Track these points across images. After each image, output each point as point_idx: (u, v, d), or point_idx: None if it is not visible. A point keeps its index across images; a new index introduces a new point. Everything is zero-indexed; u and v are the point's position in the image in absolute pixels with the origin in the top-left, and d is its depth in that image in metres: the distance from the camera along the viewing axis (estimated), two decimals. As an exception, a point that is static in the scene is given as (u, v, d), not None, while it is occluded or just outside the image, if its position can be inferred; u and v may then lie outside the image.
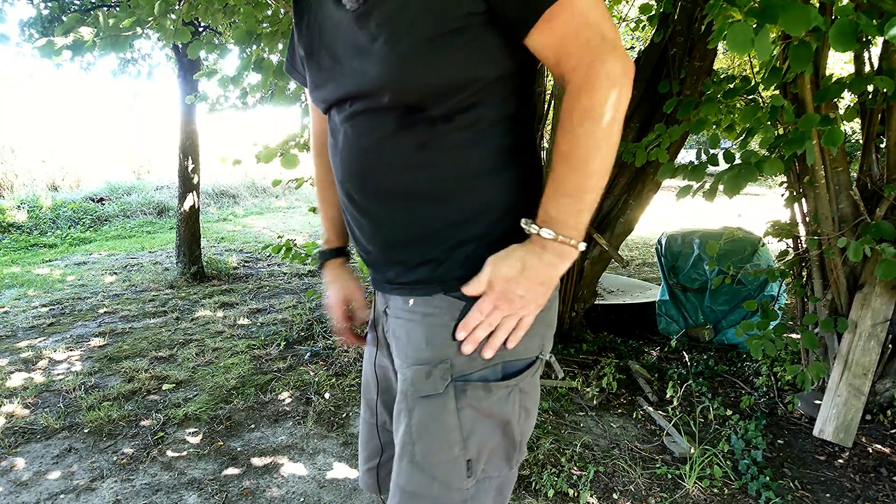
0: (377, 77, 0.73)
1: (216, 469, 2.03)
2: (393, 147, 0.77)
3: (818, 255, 2.22)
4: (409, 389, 0.80)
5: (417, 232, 0.80)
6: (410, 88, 0.72)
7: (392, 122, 0.75)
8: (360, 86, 0.76)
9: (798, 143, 1.66)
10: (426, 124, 0.74)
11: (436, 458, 0.79)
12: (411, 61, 0.71)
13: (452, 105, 0.74)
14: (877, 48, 2.06)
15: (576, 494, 1.84)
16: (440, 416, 0.78)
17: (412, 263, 0.82)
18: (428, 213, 0.79)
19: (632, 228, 3.06)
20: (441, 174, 0.77)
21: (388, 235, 0.83)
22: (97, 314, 3.99)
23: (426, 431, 0.79)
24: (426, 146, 0.75)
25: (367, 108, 0.77)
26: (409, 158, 0.76)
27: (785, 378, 2.50)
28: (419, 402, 0.79)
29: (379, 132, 0.77)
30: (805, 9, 1.18)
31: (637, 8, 3.32)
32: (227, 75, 2.65)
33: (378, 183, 0.80)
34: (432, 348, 0.80)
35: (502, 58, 0.74)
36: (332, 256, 1.08)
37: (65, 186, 10.43)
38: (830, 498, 1.84)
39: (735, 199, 1.90)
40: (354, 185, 0.83)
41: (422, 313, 0.81)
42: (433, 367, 0.79)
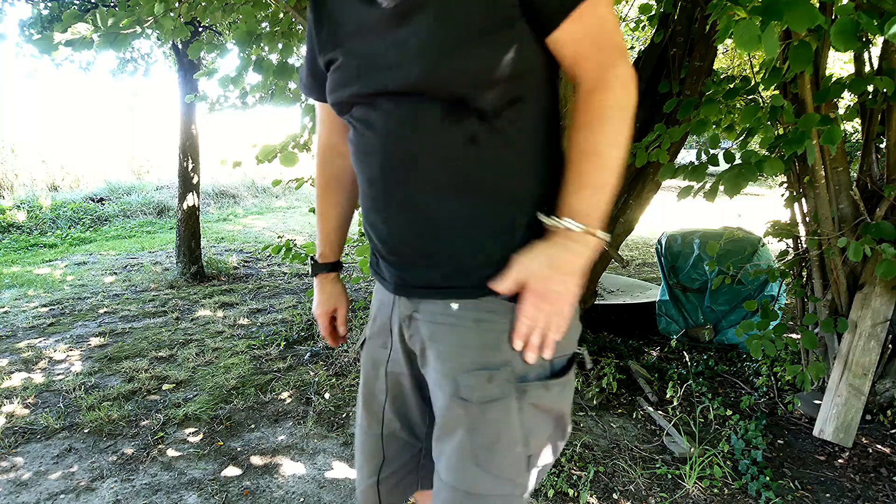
0: (424, 71, 0.72)
1: (216, 469, 2.03)
2: (442, 141, 0.76)
3: (818, 255, 2.22)
4: (471, 395, 0.80)
5: (466, 229, 0.79)
6: (460, 81, 0.72)
7: (440, 116, 0.75)
8: (404, 80, 0.75)
9: (798, 142, 1.66)
10: (475, 118, 0.75)
11: (501, 459, 0.81)
12: (461, 54, 0.71)
13: (499, 99, 0.75)
14: (877, 48, 2.06)
15: (576, 494, 1.84)
16: (505, 418, 0.80)
17: (458, 264, 0.81)
18: (477, 208, 0.78)
19: (632, 228, 3.06)
20: (490, 169, 0.77)
21: (432, 233, 0.81)
22: (97, 314, 3.99)
23: (492, 435, 0.80)
24: (475, 140, 0.76)
25: (412, 103, 0.76)
26: (459, 152, 0.76)
27: (785, 378, 2.50)
28: (484, 407, 0.80)
29: (427, 126, 0.76)
30: (809, 5, 1.18)
31: (637, 8, 3.32)
32: (227, 75, 2.65)
33: (425, 177, 0.78)
34: (492, 353, 0.80)
35: (539, 51, 0.76)
36: (327, 270, 1.11)
37: (65, 186, 10.43)
38: (830, 498, 1.84)
39: (735, 199, 1.91)
40: (395, 180, 0.81)
41: (472, 318, 0.81)
42: (495, 371, 0.80)
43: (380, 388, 0.98)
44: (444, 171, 0.77)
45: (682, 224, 3.98)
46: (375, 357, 0.99)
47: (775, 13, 1.20)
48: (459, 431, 0.82)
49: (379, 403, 0.99)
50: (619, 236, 3.04)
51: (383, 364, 0.97)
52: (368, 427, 1.01)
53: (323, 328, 1.14)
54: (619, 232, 3.01)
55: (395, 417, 0.98)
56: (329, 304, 1.12)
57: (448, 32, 0.72)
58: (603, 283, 3.99)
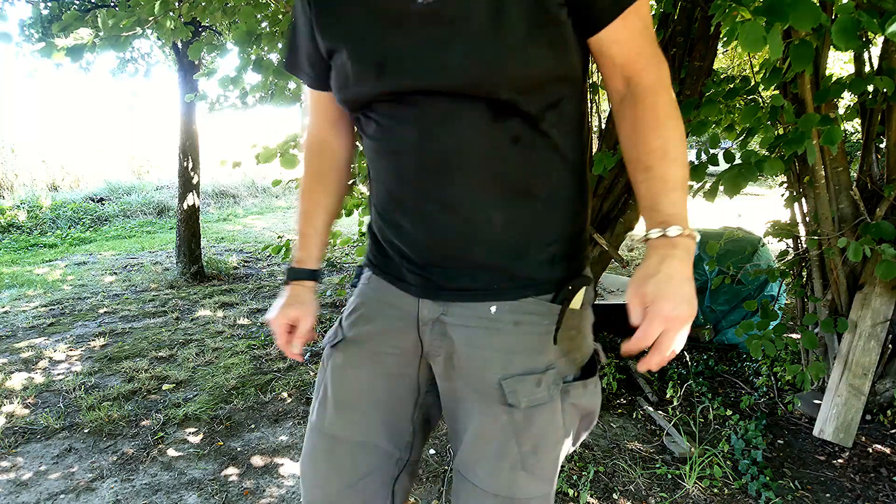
0: (474, 73, 0.71)
1: (216, 469, 2.03)
2: (486, 141, 0.74)
3: (818, 255, 2.22)
4: (520, 401, 0.78)
5: (507, 231, 0.78)
6: (509, 84, 0.71)
7: (485, 116, 0.73)
8: (449, 80, 0.72)
9: (798, 142, 1.66)
10: (518, 119, 0.74)
11: (545, 461, 0.81)
12: (512, 57, 0.70)
13: (543, 101, 0.74)
14: (877, 48, 2.06)
15: (576, 494, 1.84)
16: (551, 420, 0.80)
17: (498, 266, 0.79)
18: (520, 210, 0.78)
19: (632, 228, 3.05)
20: (533, 171, 0.77)
21: (472, 235, 0.79)
22: (97, 314, 3.99)
23: (539, 438, 0.80)
24: (518, 141, 0.75)
25: (454, 101, 0.73)
26: (503, 153, 0.75)
27: (785, 378, 2.50)
28: (532, 411, 0.79)
29: (471, 126, 0.74)
30: (812, 5, 1.18)
31: (637, 8, 3.32)
32: (227, 75, 2.65)
33: (468, 178, 0.76)
34: (537, 356, 0.80)
35: (580, 53, 0.76)
36: (305, 278, 0.97)
37: (65, 186, 10.43)
38: (830, 498, 1.84)
39: (735, 199, 1.91)
40: (434, 181, 0.77)
41: (512, 321, 0.80)
42: (541, 374, 0.79)
43: (368, 392, 0.91)
44: (487, 171, 0.76)
45: (682, 224, 3.97)
46: (368, 358, 0.91)
47: (779, 13, 1.20)
48: (504, 437, 0.80)
49: (363, 409, 0.90)
50: (619, 236, 3.03)
51: (389, 366, 0.90)
52: (343, 434, 0.90)
53: (279, 336, 0.96)
54: (619, 232, 3.01)
55: (381, 426, 0.91)
56: (290, 314, 0.95)
57: (498, 34, 0.69)
58: (603, 283, 3.99)
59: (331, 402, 0.92)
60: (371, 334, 0.91)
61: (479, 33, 0.70)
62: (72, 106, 19.61)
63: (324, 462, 0.91)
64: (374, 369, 0.91)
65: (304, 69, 0.91)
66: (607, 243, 2.96)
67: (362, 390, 0.91)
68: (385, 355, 0.90)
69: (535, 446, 0.80)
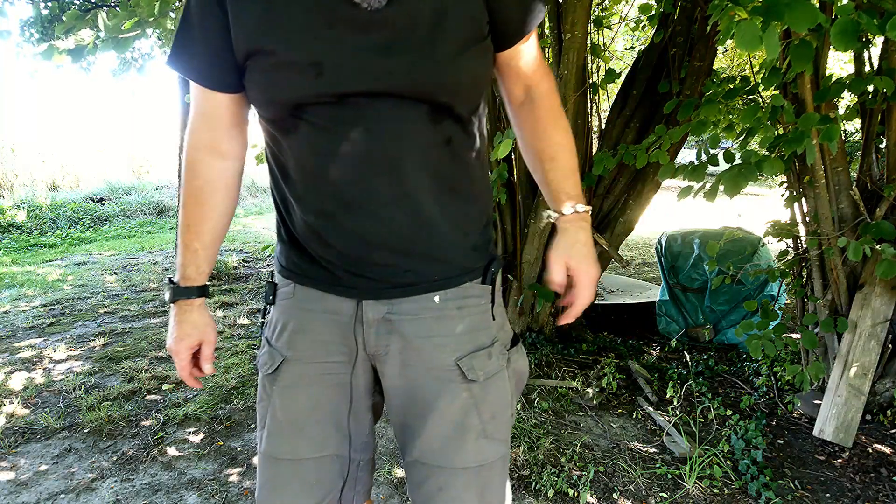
0: (415, 75, 0.77)
1: (216, 469, 2.03)
2: (425, 141, 0.81)
3: (818, 255, 2.22)
4: (478, 375, 0.86)
5: (446, 225, 0.85)
6: (446, 87, 0.79)
7: (424, 118, 0.80)
8: (392, 82, 0.76)
9: (798, 142, 1.66)
10: (452, 122, 0.82)
11: (502, 425, 0.90)
12: (456, 63, 0.79)
13: (471, 105, 0.84)
14: (877, 48, 2.06)
15: (576, 494, 1.84)
16: (503, 386, 0.90)
17: (441, 258, 0.86)
18: (456, 205, 0.86)
19: (632, 228, 3.05)
20: (463, 168, 0.86)
21: (416, 232, 0.83)
22: (97, 314, 3.99)
23: (497, 406, 0.89)
24: (451, 142, 0.83)
25: (396, 104, 0.77)
26: (439, 154, 0.83)
27: (785, 378, 2.50)
28: (488, 382, 0.88)
29: (414, 129, 0.80)
30: (810, 5, 1.19)
31: (637, 8, 3.32)
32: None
33: (410, 178, 0.81)
34: (483, 333, 0.89)
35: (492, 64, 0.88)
36: (193, 296, 0.91)
37: (65, 186, 10.43)
38: (830, 498, 1.84)
39: (735, 199, 1.91)
40: (378, 182, 0.79)
41: (455, 306, 0.87)
42: (490, 347, 0.89)
43: (321, 406, 0.89)
44: (427, 169, 0.82)
45: (682, 224, 3.98)
46: (313, 373, 0.89)
47: (776, 13, 1.20)
48: (465, 413, 0.87)
49: (320, 424, 0.89)
50: (619, 236, 3.04)
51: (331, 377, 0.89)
52: (303, 454, 0.89)
53: (183, 367, 0.93)
54: (619, 232, 3.01)
55: (339, 435, 0.91)
56: (193, 337, 0.92)
57: (438, 44, 0.77)
58: (603, 283, 3.99)
59: (285, 426, 0.90)
60: (310, 347, 0.89)
61: (423, 41, 0.76)
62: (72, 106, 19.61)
63: (288, 488, 0.90)
64: (322, 380, 0.89)
65: (199, 68, 0.83)
66: (607, 243, 2.96)
67: (315, 405, 0.89)
68: (329, 364, 0.89)
69: (493, 413, 0.88)
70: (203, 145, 0.88)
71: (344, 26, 0.75)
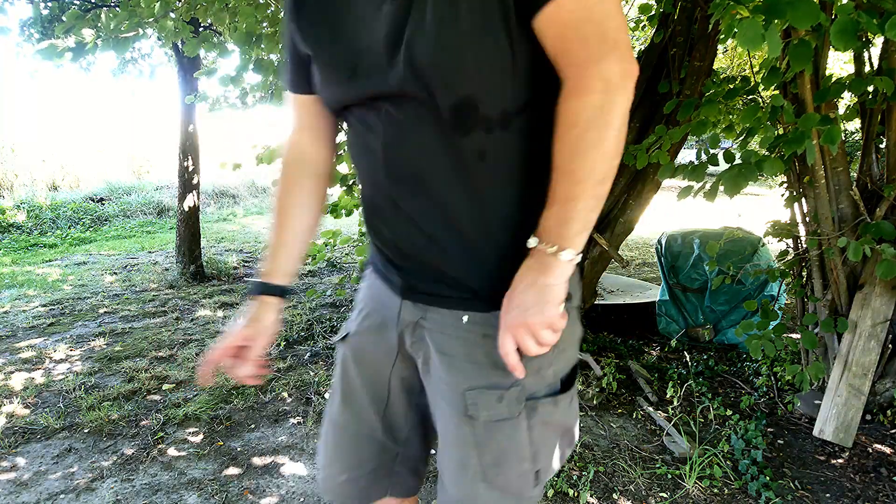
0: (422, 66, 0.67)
1: (216, 469, 2.03)
2: (450, 156, 0.72)
3: (818, 255, 2.22)
4: (479, 414, 0.78)
5: (476, 250, 0.76)
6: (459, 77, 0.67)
7: (447, 125, 0.70)
8: (400, 79, 0.69)
9: (798, 142, 1.66)
10: (482, 130, 0.70)
11: (508, 475, 0.80)
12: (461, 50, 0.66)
13: (508, 103, 0.70)
14: (877, 48, 2.06)
15: (576, 494, 1.84)
16: (513, 436, 0.79)
17: (468, 281, 0.78)
18: (486, 227, 0.75)
19: (632, 228, 3.05)
20: (500, 186, 0.74)
21: (440, 251, 0.77)
22: (97, 314, 3.99)
23: (499, 453, 0.79)
24: (484, 156, 0.71)
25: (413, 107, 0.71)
26: (468, 170, 0.72)
27: (785, 378, 2.50)
28: (492, 426, 0.78)
29: (433, 139, 0.71)
30: (811, 3, 1.19)
31: (637, 8, 3.32)
32: (227, 74, 2.65)
33: (432, 194, 0.74)
34: (503, 371, 0.76)
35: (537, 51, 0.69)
36: (268, 293, 0.91)
37: (65, 186, 10.43)
38: (830, 498, 1.84)
39: (735, 199, 1.91)
40: (398, 193, 0.76)
41: (481, 333, 0.78)
42: (505, 391, 0.77)
43: (366, 388, 0.93)
44: (452, 188, 0.73)
45: (682, 224, 3.98)
46: (366, 354, 0.92)
47: (778, 11, 1.20)
48: (465, 448, 0.80)
49: (361, 403, 0.93)
50: (619, 236, 3.04)
51: (378, 363, 0.92)
52: (346, 424, 0.95)
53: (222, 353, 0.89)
54: (619, 232, 3.01)
55: (378, 419, 0.93)
56: (247, 331, 0.89)
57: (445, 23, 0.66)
58: (603, 283, 3.99)
59: (337, 392, 0.96)
60: (370, 331, 0.92)
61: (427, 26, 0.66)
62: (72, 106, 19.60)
63: (331, 449, 0.97)
64: (374, 364, 0.92)
65: (298, 83, 0.87)
66: (607, 243, 2.96)
67: (363, 384, 0.93)
68: (377, 353, 0.92)
69: (496, 460, 0.79)
70: (291, 147, 0.92)
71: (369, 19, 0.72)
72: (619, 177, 2.96)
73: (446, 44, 0.66)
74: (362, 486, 0.95)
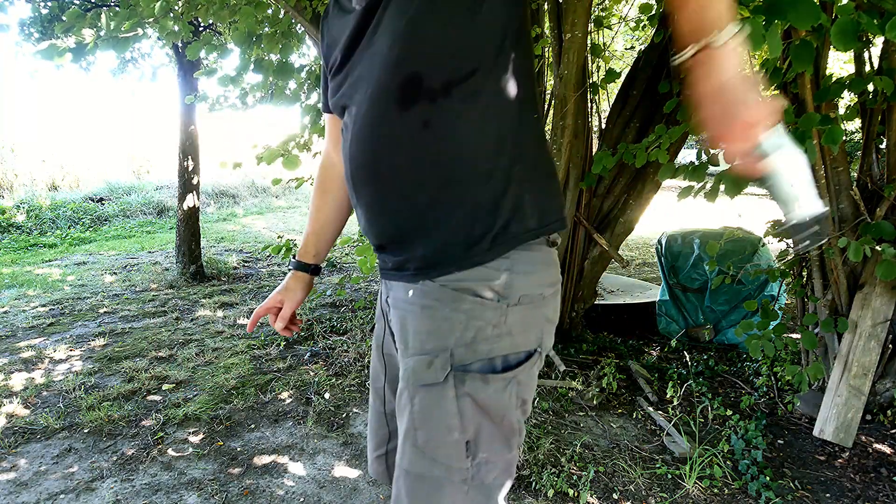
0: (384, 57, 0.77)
1: (216, 469, 2.03)
2: (397, 130, 0.79)
3: (818, 255, 2.22)
4: (410, 378, 0.82)
5: (417, 217, 0.82)
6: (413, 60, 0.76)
7: (393, 101, 0.78)
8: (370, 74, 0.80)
9: (798, 142, 1.66)
10: (426, 101, 0.76)
11: (437, 442, 0.81)
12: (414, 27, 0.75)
13: (449, 73, 0.75)
14: (877, 48, 2.06)
15: (576, 494, 1.84)
16: (441, 403, 0.80)
17: (410, 251, 0.84)
18: (438, 193, 0.79)
19: (632, 228, 3.06)
20: (448, 151, 0.78)
21: (390, 221, 0.86)
22: (97, 314, 3.99)
23: (428, 417, 0.81)
24: (429, 125, 0.77)
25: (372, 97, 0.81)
26: (414, 140, 0.78)
27: (785, 378, 2.50)
28: (420, 390, 0.82)
29: (382, 116, 0.80)
30: (812, 3, 1.18)
31: (637, 8, 3.32)
32: (227, 74, 2.65)
33: (385, 170, 0.82)
34: (433, 339, 0.81)
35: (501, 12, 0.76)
36: (297, 268, 1.12)
37: (65, 186, 10.43)
38: (830, 498, 1.84)
39: (735, 199, 1.91)
40: (361, 178, 0.86)
41: (420, 304, 0.83)
42: (434, 357, 0.80)
43: (380, 368, 1.03)
44: (402, 158, 0.80)
45: (682, 224, 3.98)
46: (378, 338, 1.03)
47: (779, 11, 1.20)
48: (404, 414, 0.84)
49: (380, 382, 1.03)
50: (619, 236, 3.04)
51: (381, 346, 1.02)
52: (373, 403, 1.06)
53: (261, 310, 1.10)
54: (619, 232, 3.01)
55: (393, 397, 0.98)
56: (278, 296, 1.11)
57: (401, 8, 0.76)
58: (603, 283, 3.99)
59: (370, 376, 1.08)
60: (378, 317, 1.03)
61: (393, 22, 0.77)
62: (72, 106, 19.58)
63: (369, 427, 1.09)
64: (383, 346, 1.02)
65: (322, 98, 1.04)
66: (607, 243, 2.96)
67: (380, 366, 1.04)
68: (382, 332, 1.01)
69: (424, 423, 0.81)
70: (324, 156, 1.12)
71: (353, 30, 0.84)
72: (619, 176, 2.96)
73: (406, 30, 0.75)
74: (389, 464, 1.02)
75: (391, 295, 0.91)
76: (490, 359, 0.80)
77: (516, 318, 0.80)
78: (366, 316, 3.70)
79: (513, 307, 0.80)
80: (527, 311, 0.81)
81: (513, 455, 0.86)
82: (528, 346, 0.83)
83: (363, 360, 3.01)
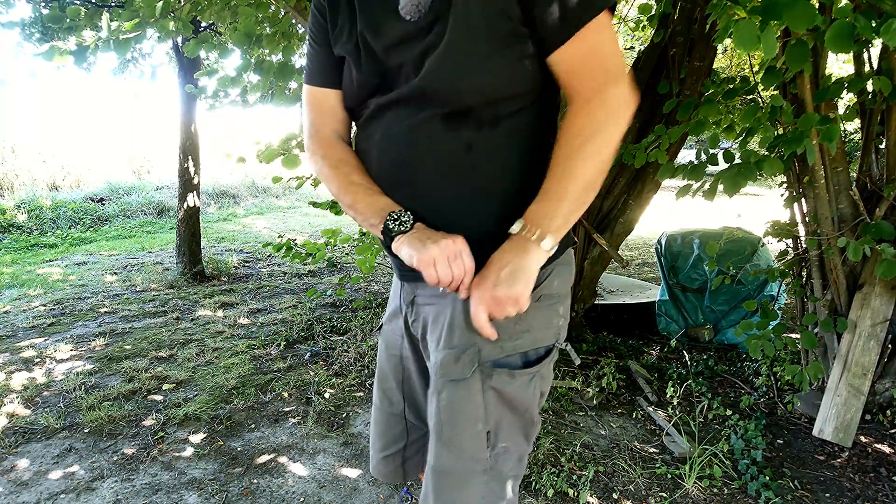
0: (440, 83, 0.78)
1: (216, 469, 2.03)
2: (440, 149, 0.81)
3: (818, 255, 2.22)
4: (438, 371, 0.86)
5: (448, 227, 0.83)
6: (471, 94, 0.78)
7: (440, 125, 0.80)
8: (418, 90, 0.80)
9: (797, 142, 1.66)
10: (472, 128, 0.80)
11: (462, 436, 0.85)
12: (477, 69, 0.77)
13: (502, 110, 0.80)
14: (876, 49, 2.06)
15: (576, 494, 1.84)
16: (467, 397, 0.84)
17: None
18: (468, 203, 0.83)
19: (632, 228, 3.06)
20: (484, 172, 0.82)
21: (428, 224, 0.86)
22: (97, 314, 4.00)
23: (454, 412, 0.85)
24: (471, 149, 0.81)
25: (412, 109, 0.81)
26: (456, 160, 0.81)
27: (785, 378, 2.50)
28: (448, 385, 0.85)
29: (426, 135, 0.81)
30: (808, 5, 1.19)
31: (637, 8, 3.32)
32: (227, 75, 2.65)
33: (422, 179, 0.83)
34: (461, 334, 0.85)
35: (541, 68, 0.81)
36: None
37: (65, 186, 10.42)
38: (830, 498, 1.84)
39: (735, 199, 1.91)
40: (392, 181, 0.86)
41: (452, 298, 0.87)
42: (462, 352, 0.85)
43: (391, 369, 1.04)
44: (441, 174, 0.82)
45: (682, 224, 3.98)
46: (389, 340, 1.04)
47: (775, 13, 1.20)
48: (433, 408, 0.88)
49: (390, 384, 1.05)
50: (619, 236, 3.04)
51: (395, 347, 1.03)
52: (381, 404, 1.07)
53: None
54: (619, 232, 3.01)
55: (402, 399, 1.04)
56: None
57: (464, 47, 0.76)
58: (603, 283, 3.99)
59: (377, 378, 1.09)
60: (390, 318, 1.05)
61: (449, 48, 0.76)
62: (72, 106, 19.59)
63: (374, 428, 1.09)
64: (395, 347, 1.04)
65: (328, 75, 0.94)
66: (607, 243, 2.96)
67: (390, 368, 1.05)
68: (397, 335, 1.02)
69: (449, 419, 0.85)
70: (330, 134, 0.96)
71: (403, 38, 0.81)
72: (618, 176, 2.96)
73: (460, 66, 0.76)
74: (398, 464, 1.06)
75: (419, 293, 0.92)
76: (515, 354, 0.86)
77: (538, 316, 0.87)
78: (366, 316, 3.70)
79: (535, 305, 0.85)
80: (546, 309, 0.88)
81: (528, 448, 0.92)
82: (547, 342, 0.89)
83: (363, 360, 3.01)
